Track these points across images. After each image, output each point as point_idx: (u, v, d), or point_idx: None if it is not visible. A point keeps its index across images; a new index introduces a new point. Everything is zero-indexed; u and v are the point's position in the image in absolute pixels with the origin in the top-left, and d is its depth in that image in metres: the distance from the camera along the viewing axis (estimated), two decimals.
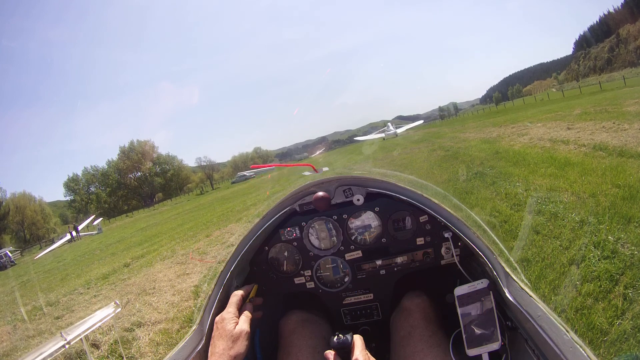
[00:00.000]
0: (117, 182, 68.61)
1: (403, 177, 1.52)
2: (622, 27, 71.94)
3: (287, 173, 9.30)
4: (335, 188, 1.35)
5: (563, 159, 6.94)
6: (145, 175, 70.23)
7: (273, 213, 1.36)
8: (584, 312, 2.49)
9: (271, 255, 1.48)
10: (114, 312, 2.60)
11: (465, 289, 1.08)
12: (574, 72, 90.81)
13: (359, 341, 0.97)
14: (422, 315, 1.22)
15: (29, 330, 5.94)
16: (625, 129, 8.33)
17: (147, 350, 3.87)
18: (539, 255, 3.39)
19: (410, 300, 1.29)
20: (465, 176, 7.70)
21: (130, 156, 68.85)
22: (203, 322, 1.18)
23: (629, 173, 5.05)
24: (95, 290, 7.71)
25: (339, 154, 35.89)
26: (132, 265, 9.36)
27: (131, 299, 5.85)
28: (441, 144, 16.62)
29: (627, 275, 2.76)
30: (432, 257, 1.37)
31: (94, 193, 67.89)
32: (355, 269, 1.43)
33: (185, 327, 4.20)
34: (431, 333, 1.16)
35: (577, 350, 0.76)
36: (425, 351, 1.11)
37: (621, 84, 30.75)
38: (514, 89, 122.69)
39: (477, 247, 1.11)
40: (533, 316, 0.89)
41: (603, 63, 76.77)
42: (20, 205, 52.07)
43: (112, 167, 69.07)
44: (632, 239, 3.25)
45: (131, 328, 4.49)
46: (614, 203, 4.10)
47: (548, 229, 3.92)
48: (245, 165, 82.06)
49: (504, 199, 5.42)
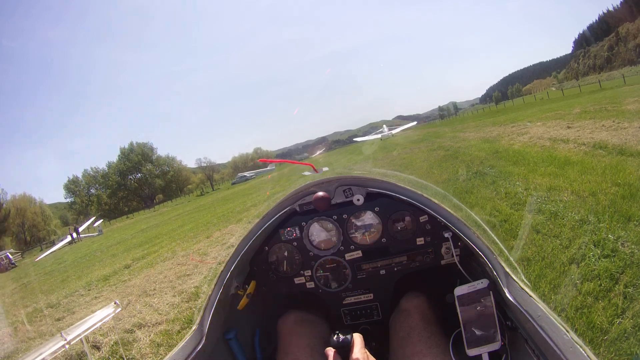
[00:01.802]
0: (118, 183, 68.63)
1: (403, 177, 1.52)
2: (622, 25, 71.90)
3: (287, 173, 9.31)
4: (335, 188, 1.35)
5: (563, 158, 6.94)
6: (145, 176, 70.25)
7: (273, 213, 1.36)
8: (584, 311, 2.49)
9: (271, 255, 1.48)
10: (114, 312, 2.60)
11: (465, 289, 1.08)
12: (574, 70, 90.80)
13: (359, 340, 0.97)
14: (421, 316, 1.22)
15: (30, 332, 5.94)
16: (625, 128, 8.32)
17: (147, 352, 3.86)
18: (539, 255, 3.39)
19: (409, 301, 1.28)
20: (465, 176, 7.69)
21: (130, 157, 68.88)
22: (203, 322, 1.18)
23: (628, 171, 5.04)
24: (96, 291, 7.71)
25: (339, 154, 35.88)
26: (132, 267, 9.36)
27: (132, 300, 5.85)
28: (441, 143, 16.61)
29: (627, 273, 2.75)
30: (432, 257, 1.37)
31: (94, 195, 67.92)
32: (355, 269, 1.43)
33: (186, 328, 4.20)
34: (430, 334, 1.16)
35: (577, 350, 0.76)
36: (424, 352, 1.11)
37: (621, 82, 30.72)
38: (514, 88, 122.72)
39: (477, 247, 1.11)
40: (533, 316, 0.89)
41: (602, 61, 76.74)
42: (20, 207, 52.01)
43: (112, 168, 69.11)
44: (632, 237, 3.24)
45: (132, 329, 4.49)
46: (614, 202, 4.10)
47: (548, 228, 3.91)
48: (246, 166, 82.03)
49: (504, 198, 5.42)
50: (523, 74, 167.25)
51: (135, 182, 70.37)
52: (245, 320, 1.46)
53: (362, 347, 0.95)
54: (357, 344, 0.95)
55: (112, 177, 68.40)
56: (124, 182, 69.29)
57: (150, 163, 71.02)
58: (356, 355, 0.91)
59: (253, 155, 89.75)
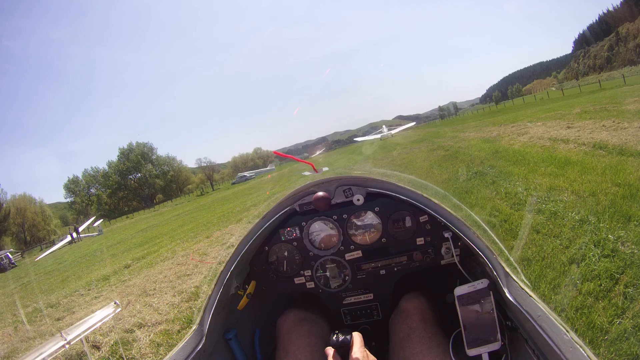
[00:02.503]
0: (118, 183, 68.64)
1: (403, 177, 1.52)
2: (622, 25, 71.89)
3: (287, 173, 9.29)
4: (335, 188, 1.35)
5: (563, 158, 6.93)
6: (145, 176, 70.27)
7: (273, 213, 1.36)
8: (584, 312, 2.49)
9: (271, 255, 1.47)
10: (114, 312, 2.59)
11: (465, 289, 1.08)
12: (574, 70, 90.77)
13: (358, 338, 0.96)
14: (421, 317, 1.22)
15: (30, 331, 5.94)
16: (625, 128, 8.32)
17: (147, 351, 3.86)
18: (539, 255, 3.39)
19: (409, 301, 1.28)
20: (465, 176, 7.69)
21: (130, 157, 68.89)
22: (203, 322, 1.18)
23: (628, 172, 5.04)
24: (96, 291, 7.71)
25: (339, 154, 35.86)
26: (132, 267, 9.36)
27: (132, 300, 5.85)
28: (441, 143, 16.61)
29: (628, 274, 2.75)
30: (432, 257, 1.37)
31: (94, 194, 67.94)
32: (355, 269, 1.43)
33: (186, 327, 4.20)
34: (430, 334, 1.16)
35: (577, 350, 0.76)
36: (424, 352, 1.11)
37: (621, 82, 30.71)
38: (514, 88, 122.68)
39: (477, 247, 1.11)
40: (533, 316, 0.88)
41: (602, 61, 76.72)
42: (20, 207, 52.05)
43: (112, 168, 69.12)
44: (632, 237, 3.24)
45: (131, 329, 4.49)
46: (614, 202, 4.09)
47: (548, 228, 3.91)
48: (246, 166, 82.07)
49: (504, 198, 5.42)
50: (523, 74, 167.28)
51: (135, 182, 70.40)
52: (245, 320, 1.46)
53: (362, 346, 0.95)
54: (356, 343, 0.95)
55: (112, 177, 68.43)
56: (124, 182, 69.32)
57: (150, 163, 71.05)
58: (356, 354, 0.91)
59: (253, 155, 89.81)
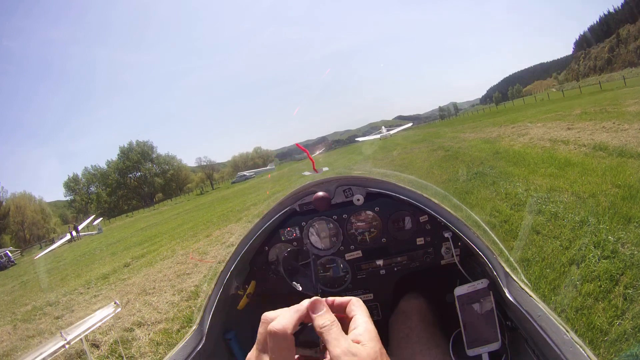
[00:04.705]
0: (117, 182, 68.64)
1: (403, 177, 1.52)
2: (622, 27, 71.91)
3: (287, 173, 9.29)
4: (335, 188, 1.35)
5: (563, 159, 6.93)
6: (145, 175, 70.29)
7: (273, 213, 1.36)
8: (584, 312, 2.49)
9: (271, 255, 1.47)
10: (113, 312, 2.59)
11: (465, 289, 1.08)
12: (574, 72, 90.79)
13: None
14: (420, 317, 1.22)
15: (29, 330, 5.94)
16: (626, 129, 8.32)
17: (147, 350, 3.86)
18: (539, 255, 3.39)
19: (408, 302, 1.28)
20: (465, 176, 7.69)
21: (130, 156, 68.90)
22: (203, 322, 1.18)
23: (629, 173, 5.04)
24: (96, 290, 7.71)
25: (339, 154, 35.85)
26: (132, 265, 9.36)
27: (131, 298, 5.85)
28: (441, 143, 16.61)
29: (627, 275, 2.75)
30: (432, 257, 1.37)
31: (94, 193, 67.96)
32: (355, 269, 1.43)
33: (185, 327, 4.20)
34: (429, 335, 1.16)
35: (577, 350, 0.76)
36: (424, 352, 1.10)
37: (621, 84, 30.70)
38: (514, 89, 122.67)
39: (477, 247, 1.10)
40: (533, 316, 0.88)
41: (603, 63, 76.73)
42: (20, 205, 52.06)
43: (112, 167, 69.14)
44: (632, 238, 3.24)
45: (131, 328, 4.49)
46: (614, 203, 4.10)
47: (548, 228, 3.91)
48: (246, 165, 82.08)
49: (504, 198, 5.42)
50: (523, 74, 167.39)
51: (135, 180, 70.41)
52: (245, 320, 1.46)
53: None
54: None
55: (112, 176, 68.44)
56: (123, 180, 69.34)
57: (150, 162, 71.07)
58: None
59: (253, 154, 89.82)
